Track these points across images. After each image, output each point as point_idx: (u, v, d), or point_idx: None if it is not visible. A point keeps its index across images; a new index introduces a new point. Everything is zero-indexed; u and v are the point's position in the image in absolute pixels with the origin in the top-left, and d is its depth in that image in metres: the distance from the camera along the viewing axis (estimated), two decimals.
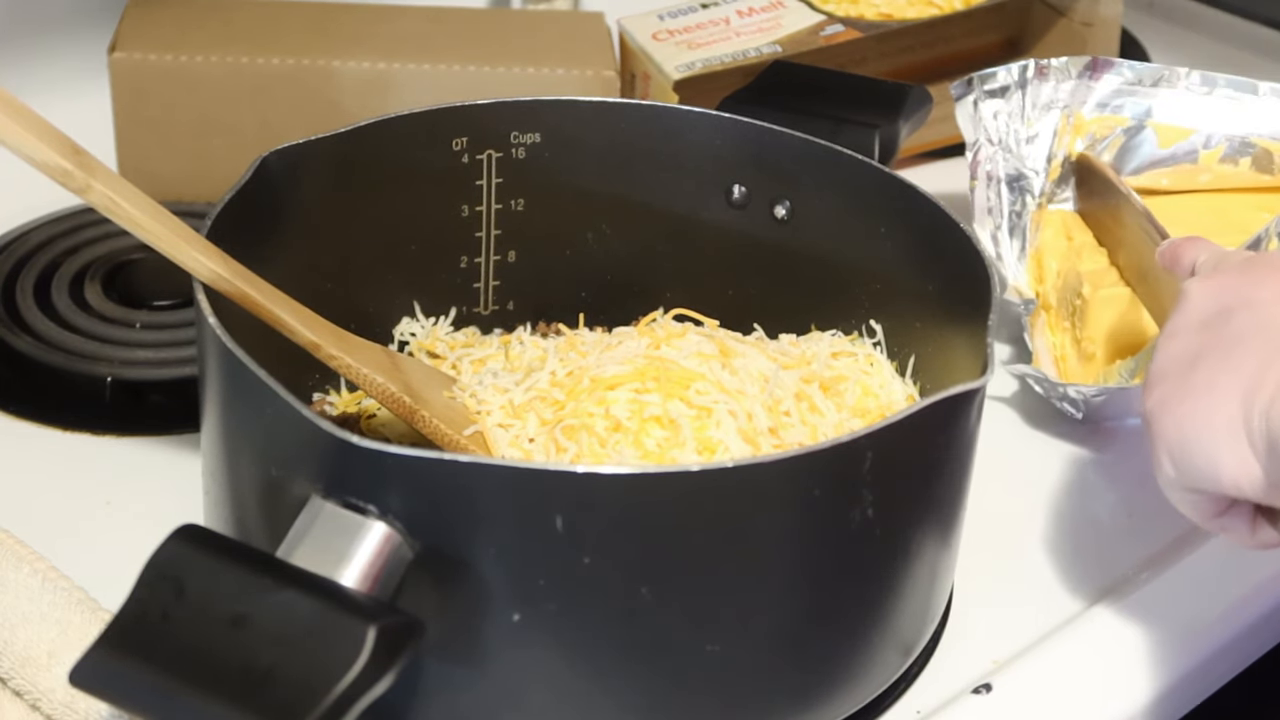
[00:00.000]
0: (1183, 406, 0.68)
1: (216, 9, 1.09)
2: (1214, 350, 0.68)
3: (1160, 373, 0.70)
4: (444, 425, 0.76)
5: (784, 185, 0.85)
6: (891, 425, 0.66)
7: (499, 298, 0.89)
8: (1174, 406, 0.68)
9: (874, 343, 0.85)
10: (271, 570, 0.60)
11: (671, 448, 0.73)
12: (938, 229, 0.79)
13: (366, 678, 0.57)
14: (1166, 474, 0.69)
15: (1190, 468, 0.67)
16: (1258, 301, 0.69)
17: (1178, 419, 0.68)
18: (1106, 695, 0.76)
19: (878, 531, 0.68)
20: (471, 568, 0.63)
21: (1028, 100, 1.00)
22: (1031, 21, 1.22)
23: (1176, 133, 1.02)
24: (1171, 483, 0.69)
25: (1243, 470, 0.65)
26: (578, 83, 1.06)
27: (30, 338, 0.94)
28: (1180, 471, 0.68)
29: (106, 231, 1.02)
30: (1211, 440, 0.66)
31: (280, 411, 0.64)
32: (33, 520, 0.79)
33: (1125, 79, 1.02)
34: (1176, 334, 0.70)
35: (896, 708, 0.75)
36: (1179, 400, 0.68)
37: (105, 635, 0.59)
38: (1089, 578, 0.83)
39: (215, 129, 1.06)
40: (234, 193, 0.75)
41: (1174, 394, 0.68)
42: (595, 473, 0.63)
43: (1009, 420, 0.94)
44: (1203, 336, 0.69)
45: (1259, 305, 0.68)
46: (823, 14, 1.12)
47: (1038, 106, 1.01)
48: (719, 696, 0.69)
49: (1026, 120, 1.01)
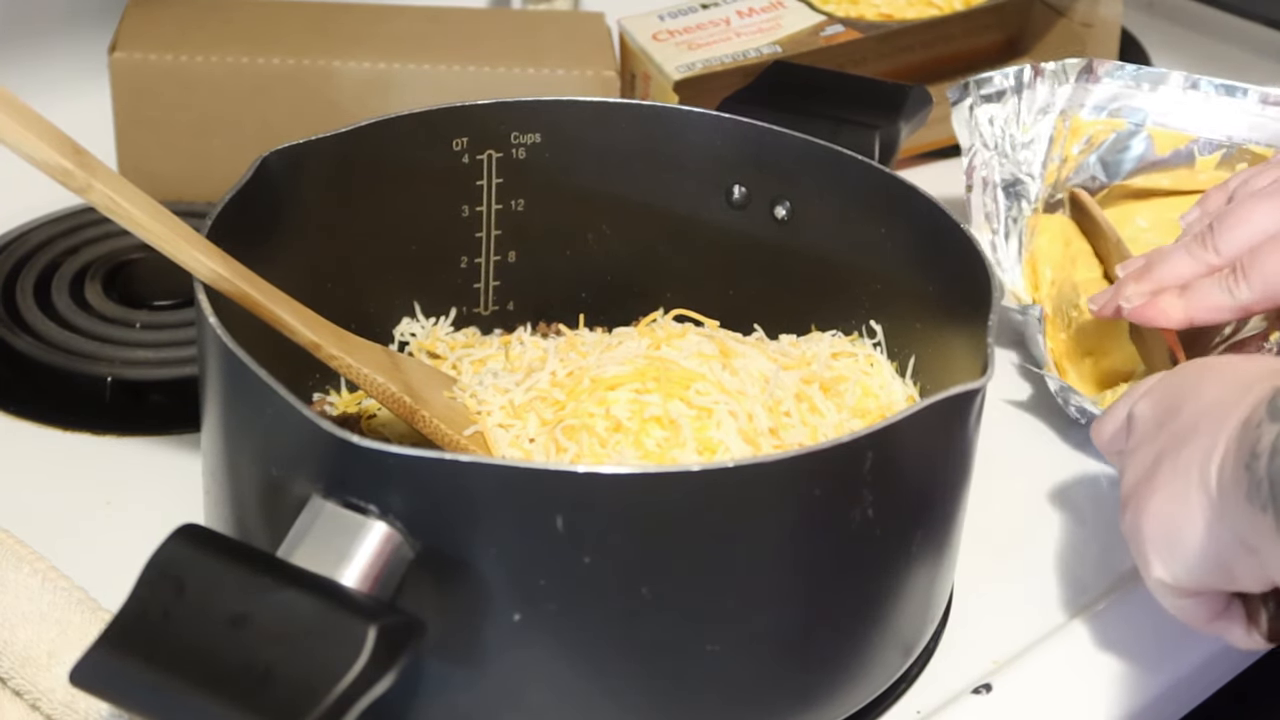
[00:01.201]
0: (1155, 503, 0.69)
1: (216, 9, 1.09)
2: (1171, 444, 0.69)
3: (1129, 489, 0.72)
4: (444, 425, 0.76)
5: (784, 186, 0.85)
6: (892, 426, 0.66)
7: (499, 298, 0.89)
8: (1150, 507, 0.69)
9: (874, 343, 0.85)
10: (272, 570, 0.60)
11: (672, 448, 0.73)
12: (938, 229, 0.79)
13: (367, 677, 0.57)
14: (1160, 579, 0.70)
15: (1183, 558, 0.68)
16: (1202, 391, 0.70)
17: (1156, 516, 0.69)
18: (1106, 696, 0.76)
19: (878, 531, 0.68)
20: (472, 568, 0.63)
21: (1024, 104, 1.00)
22: (1031, 22, 1.22)
23: (1174, 138, 1.02)
24: (1167, 589, 0.70)
25: (1225, 550, 0.66)
26: (578, 83, 1.06)
27: (30, 338, 0.94)
28: (1174, 568, 0.69)
29: (107, 231, 1.02)
30: (1189, 525, 0.67)
31: (281, 411, 0.64)
32: (33, 520, 0.79)
33: (1123, 82, 1.02)
34: (1135, 451, 0.73)
35: (896, 708, 0.75)
36: (1152, 499, 0.69)
37: (105, 635, 0.59)
38: (1089, 578, 0.83)
39: (215, 129, 1.06)
40: (234, 193, 0.75)
41: (1146, 497, 0.70)
42: (596, 473, 0.63)
43: (1010, 421, 0.94)
44: (1158, 439, 0.71)
45: (1204, 394, 0.70)
46: (823, 14, 1.12)
47: (1034, 110, 1.00)
48: (719, 696, 0.69)
49: (1022, 125, 1.00)
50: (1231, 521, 0.65)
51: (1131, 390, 0.77)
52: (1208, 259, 0.85)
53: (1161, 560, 0.69)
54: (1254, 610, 0.70)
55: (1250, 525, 0.63)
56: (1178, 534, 0.68)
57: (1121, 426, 0.76)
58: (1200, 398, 0.70)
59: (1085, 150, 1.02)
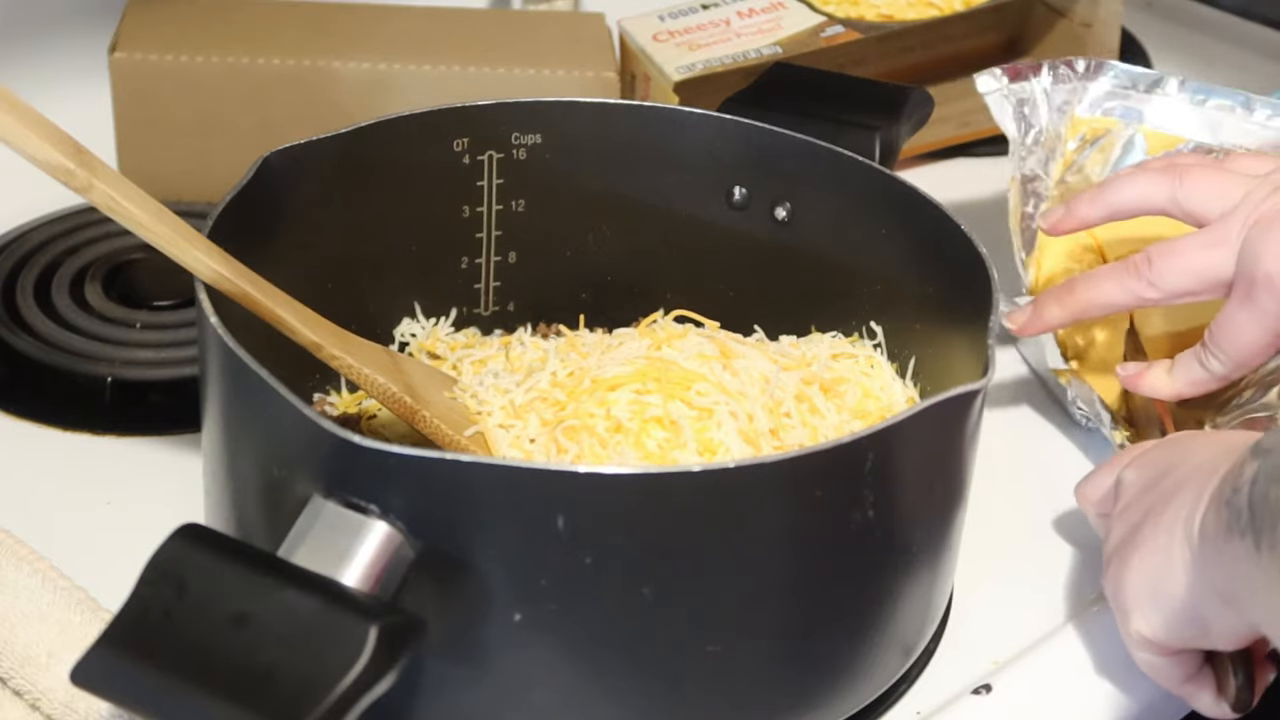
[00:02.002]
0: (1138, 557, 0.69)
1: (216, 9, 1.09)
2: (1157, 503, 0.70)
3: (1113, 548, 0.72)
4: (445, 426, 0.76)
5: (785, 187, 0.85)
6: (892, 426, 0.66)
7: (499, 298, 0.89)
8: (1133, 563, 0.70)
9: (874, 344, 0.85)
10: (273, 570, 0.60)
11: (673, 448, 0.73)
12: (938, 231, 0.79)
13: (367, 677, 0.57)
14: (1139, 632, 0.70)
15: (1161, 612, 0.68)
16: (1191, 455, 0.71)
17: (1138, 570, 0.69)
18: (1106, 696, 0.76)
19: (878, 532, 0.68)
20: (473, 567, 0.63)
21: (1053, 101, 1.00)
22: (1031, 22, 1.22)
23: (1166, 140, 1.02)
24: (1144, 644, 0.70)
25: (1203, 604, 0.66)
26: (578, 84, 1.06)
27: (30, 338, 0.94)
28: (1153, 622, 0.69)
29: (107, 231, 1.02)
30: (1170, 579, 0.67)
31: (282, 411, 0.64)
32: (33, 520, 0.79)
33: (1120, 82, 1.02)
34: (1123, 513, 0.73)
35: (897, 708, 0.75)
36: (1139, 557, 0.69)
37: (106, 634, 0.59)
38: (1089, 578, 0.83)
39: (215, 129, 1.06)
40: (235, 193, 0.75)
41: (1129, 552, 0.70)
42: (597, 473, 0.63)
43: (1010, 421, 0.94)
44: (1145, 499, 0.71)
45: (1192, 457, 0.71)
46: (823, 15, 1.12)
47: (1052, 109, 1.00)
48: (720, 696, 0.69)
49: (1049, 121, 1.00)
50: (1210, 570, 0.65)
51: (1119, 455, 0.78)
52: (1139, 291, 0.84)
53: (1142, 614, 0.69)
54: (1223, 679, 0.71)
55: (1230, 563, 0.63)
56: (1158, 588, 0.68)
57: (1109, 491, 0.76)
58: (1188, 461, 0.71)
59: (1079, 148, 1.02)
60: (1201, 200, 0.84)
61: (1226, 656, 0.71)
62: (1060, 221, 0.89)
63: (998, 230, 0.97)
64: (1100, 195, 0.88)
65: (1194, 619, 0.67)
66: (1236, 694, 0.70)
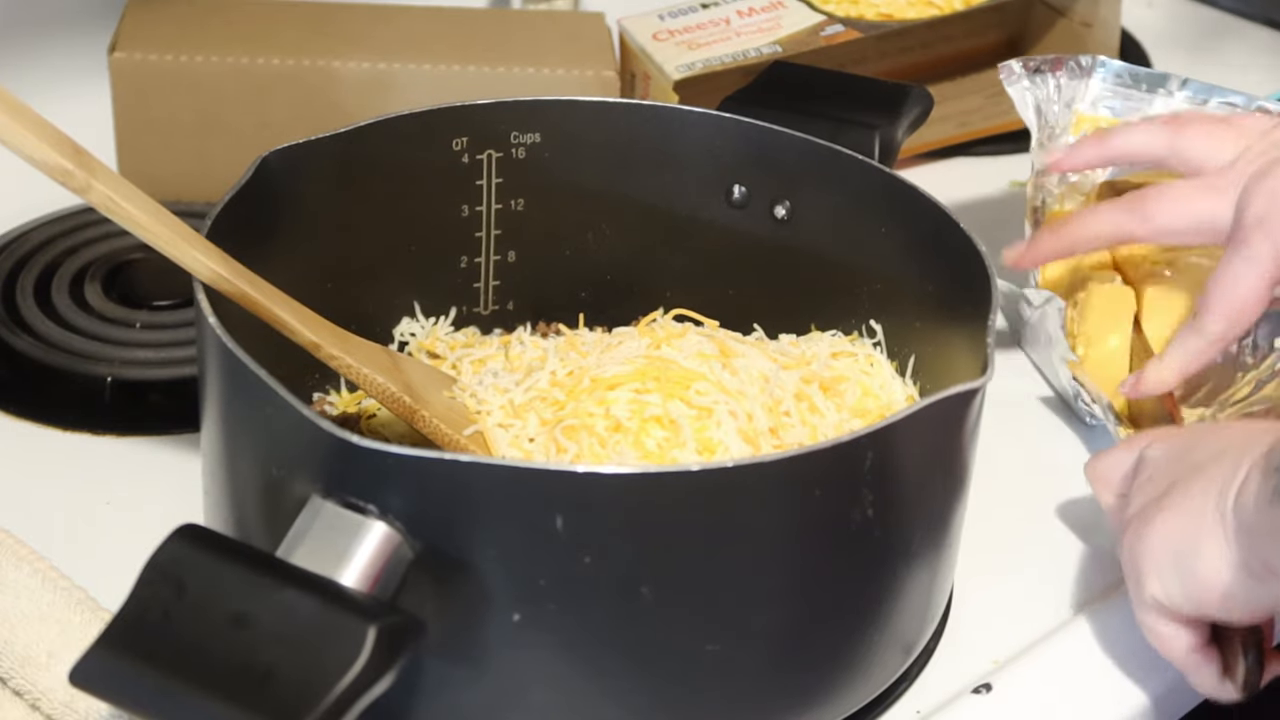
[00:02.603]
0: (1161, 523, 0.69)
1: (216, 9, 1.09)
2: (1186, 473, 0.70)
3: (1133, 514, 0.72)
4: (444, 425, 0.76)
5: (784, 185, 0.85)
6: (891, 425, 0.66)
7: (499, 298, 0.89)
8: (1158, 526, 0.69)
9: (874, 343, 0.85)
10: (272, 570, 0.60)
11: (672, 448, 0.73)
12: (938, 229, 0.79)
13: (366, 677, 0.57)
14: (1154, 597, 0.70)
15: (1183, 579, 0.68)
16: (1219, 433, 0.72)
17: (1162, 535, 0.69)
18: (1107, 695, 0.76)
19: (878, 531, 0.68)
20: (472, 567, 0.63)
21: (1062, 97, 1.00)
22: (1031, 21, 1.22)
23: None
24: (1157, 610, 0.70)
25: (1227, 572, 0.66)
26: (578, 83, 1.06)
27: (30, 338, 0.94)
28: (1171, 588, 0.69)
29: (106, 231, 1.02)
30: (1196, 545, 0.67)
31: (280, 411, 0.64)
32: (33, 520, 0.79)
33: (1123, 80, 1.02)
34: (1146, 484, 0.73)
35: (896, 708, 0.75)
36: (1162, 520, 0.69)
37: (106, 634, 0.59)
38: (1089, 578, 0.83)
39: (215, 129, 1.06)
40: (234, 193, 0.75)
41: (1152, 517, 0.70)
42: (596, 473, 0.63)
43: (1010, 420, 0.93)
44: (1171, 470, 0.71)
45: (1222, 434, 0.71)
46: (823, 14, 1.12)
47: (1061, 104, 1.01)
48: (719, 696, 0.69)
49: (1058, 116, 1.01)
50: (1247, 538, 0.65)
51: (1137, 436, 0.78)
52: (1130, 226, 0.86)
53: (1159, 578, 0.69)
54: (1231, 661, 0.71)
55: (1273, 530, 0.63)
56: (1181, 553, 0.68)
57: (1129, 470, 0.76)
58: (1220, 436, 0.71)
59: None
60: (1201, 151, 0.86)
61: (1237, 638, 0.70)
62: (1063, 159, 0.91)
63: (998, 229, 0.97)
64: (1103, 139, 0.90)
65: (1217, 590, 0.67)
66: (1246, 675, 0.70)
